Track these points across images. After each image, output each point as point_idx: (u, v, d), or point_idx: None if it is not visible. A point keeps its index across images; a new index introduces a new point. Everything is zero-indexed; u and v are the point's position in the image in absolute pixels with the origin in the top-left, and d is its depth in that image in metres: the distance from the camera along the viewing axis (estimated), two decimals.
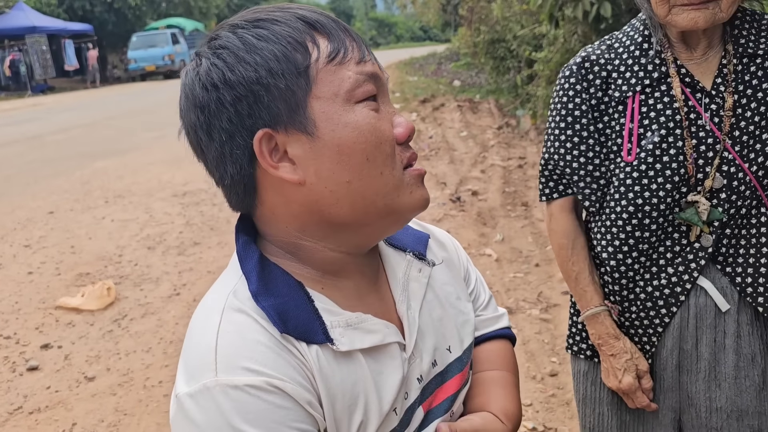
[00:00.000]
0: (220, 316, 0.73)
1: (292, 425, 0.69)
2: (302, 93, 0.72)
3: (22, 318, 3.87)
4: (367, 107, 0.74)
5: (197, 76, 0.74)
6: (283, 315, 0.72)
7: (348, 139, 0.72)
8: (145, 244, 5.10)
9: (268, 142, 0.73)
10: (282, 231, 0.78)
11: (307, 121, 0.72)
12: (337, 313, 0.76)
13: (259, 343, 0.70)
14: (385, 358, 0.78)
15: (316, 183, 0.74)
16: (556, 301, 3.64)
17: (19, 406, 2.91)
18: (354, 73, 0.73)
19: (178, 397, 0.70)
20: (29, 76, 22.46)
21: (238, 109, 0.72)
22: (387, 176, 0.75)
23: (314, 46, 0.73)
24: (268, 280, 0.75)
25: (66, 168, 8.28)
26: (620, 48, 1.29)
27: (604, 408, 1.38)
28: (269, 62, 0.71)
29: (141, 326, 3.67)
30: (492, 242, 4.66)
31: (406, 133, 0.77)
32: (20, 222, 5.90)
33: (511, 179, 6.37)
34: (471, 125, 9.73)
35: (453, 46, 17.94)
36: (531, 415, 2.65)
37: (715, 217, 1.19)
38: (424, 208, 0.80)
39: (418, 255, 0.89)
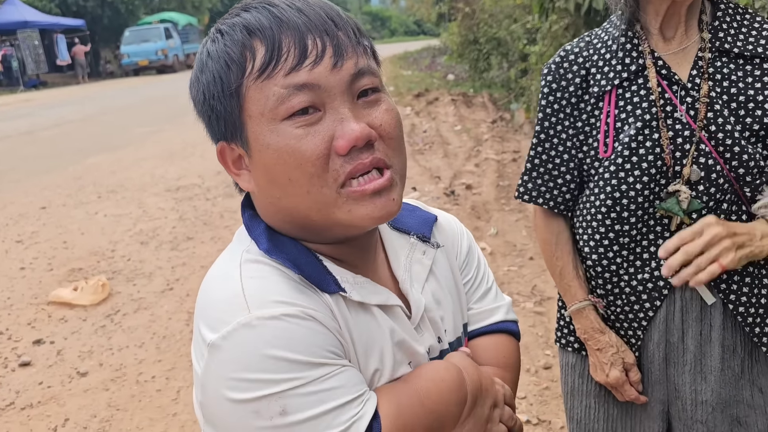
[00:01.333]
0: (239, 268, 0.75)
1: (329, 348, 0.71)
2: (237, 113, 0.73)
3: (14, 313, 3.85)
4: (293, 125, 0.70)
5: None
6: (297, 265, 0.75)
7: (269, 161, 0.73)
8: (138, 239, 5.07)
9: (231, 151, 0.77)
10: (271, 222, 0.81)
11: (243, 140, 0.75)
12: (344, 273, 0.79)
13: (284, 282, 0.74)
14: (396, 318, 0.81)
15: (259, 194, 0.78)
16: (550, 294, 3.64)
17: (11, 401, 2.90)
18: (280, 88, 0.70)
19: (211, 344, 0.70)
20: (21, 71, 22.32)
21: (204, 120, 0.79)
22: (315, 194, 0.72)
23: (251, 58, 0.72)
24: (278, 242, 0.78)
25: (58, 163, 8.23)
26: (599, 43, 1.28)
27: (591, 400, 1.38)
28: (210, 85, 0.74)
29: (134, 321, 3.65)
30: (486, 236, 4.65)
31: (347, 145, 0.70)
32: (12, 217, 5.87)
33: (505, 173, 6.36)
34: (465, 119, 9.72)
35: (445, 40, 17.92)
36: (525, 408, 2.65)
37: (695, 208, 1.18)
38: (379, 223, 0.76)
39: (422, 237, 0.90)
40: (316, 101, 0.71)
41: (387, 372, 0.78)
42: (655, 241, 1.23)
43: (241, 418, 0.69)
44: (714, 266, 1.11)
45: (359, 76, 0.73)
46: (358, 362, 0.76)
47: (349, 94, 0.73)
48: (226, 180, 6.80)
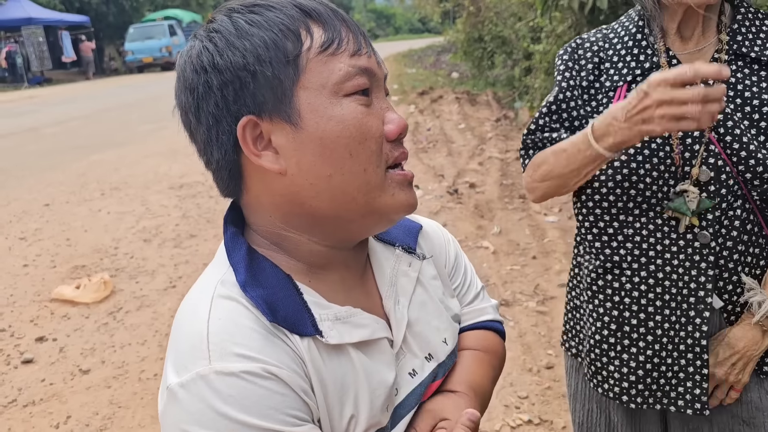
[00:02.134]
0: (210, 304, 0.71)
1: (289, 412, 0.67)
2: (289, 82, 0.71)
3: (17, 311, 3.85)
4: (355, 101, 0.72)
5: (189, 59, 0.74)
6: (272, 305, 0.71)
7: (332, 133, 0.71)
8: (141, 237, 5.08)
9: (253, 130, 0.72)
10: (267, 221, 0.77)
11: (292, 111, 0.71)
12: (326, 306, 0.75)
13: (251, 330, 0.69)
14: (375, 353, 0.77)
15: (297, 174, 0.72)
16: (552, 294, 3.63)
17: (13, 398, 2.90)
18: (346, 66, 0.72)
19: (170, 389, 0.67)
20: (26, 68, 22.35)
21: (224, 94, 0.71)
22: (370, 174, 0.73)
23: (308, 35, 0.72)
24: (257, 271, 0.73)
25: (62, 160, 8.24)
26: (615, 38, 1.28)
27: (593, 405, 1.37)
28: (258, 49, 0.70)
29: (136, 319, 3.65)
30: (489, 235, 4.64)
31: (398, 131, 0.75)
32: (16, 214, 5.87)
33: (508, 172, 6.35)
34: (469, 117, 9.70)
35: (450, 38, 17.89)
36: (527, 408, 2.64)
37: (706, 206, 1.17)
38: (409, 212, 0.78)
39: (408, 249, 0.88)
40: (369, 86, 0.74)
41: (363, 418, 0.74)
42: (662, 240, 1.22)
43: None
44: (733, 394, 1.24)
45: (386, 80, 0.78)
46: (328, 411, 0.72)
47: (384, 92, 0.78)
48: None
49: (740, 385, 1.23)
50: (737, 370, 1.21)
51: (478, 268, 4.05)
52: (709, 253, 1.19)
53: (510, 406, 2.64)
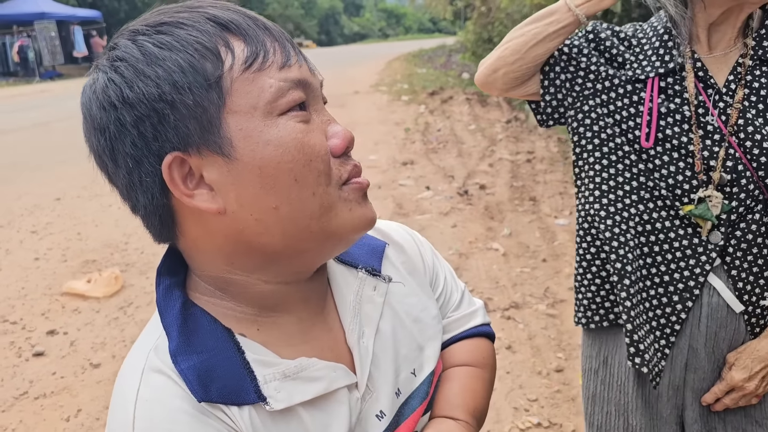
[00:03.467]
0: (139, 381, 0.64)
1: None
2: (214, 108, 0.62)
3: (28, 304, 3.88)
4: (293, 119, 0.64)
5: (94, 94, 0.64)
6: (205, 377, 0.63)
7: (271, 159, 0.62)
8: None
9: (180, 167, 0.63)
10: (208, 265, 0.68)
11: (222, 141, 0.62)
12: (272, 364, 0.66)
13: (181, 411, 0.62)
14: (330, 406, 0.69)
15: (239, 211, 0.64)
16: (562, 297, 3.62)
17: (24, 391, 2.92)
18: (276, 81, 0.63)
19: None
20: (37, 62, 22.48)
21: (141, 131, 0.62)
22: (321, 196, 0.65)
23: (228, 51, 0.63)
24: (191, 332, 0.66)
25: (73, 155, 8.27)
26: (643, 37, 1.29)
27: (612, 408, 1.37)
28: (173, 75, 0.61)
29: (146, 314, 3.67)
30: (499, 236, 4.64)
31: (344, 145, 0.67)
32: (27, 208, 5.91)
33: (519, 174, 6.34)
34: (479, 118, 9.69)
35: (461, 39, 17.89)
36: (536, 411, 2.64)
37: (725, 210, 1.18)
38: (368, 228, 0.70)
39: (372, 271, 0.79)
40: (306, 99, 0.66)
41: None
42: (680, 242, 1.22)
43: None
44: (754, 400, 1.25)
45: (322, 87, 0.71)
46: None
47: (322, 102, 0.70)
48: None
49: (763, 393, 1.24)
50: (767, 382, 1.22)
51: (487, 270, 4.04)
52: (712, 250, 1.19)
53: (519, 409, 2.64)
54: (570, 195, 5.51)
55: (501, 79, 1.32)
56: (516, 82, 1.32)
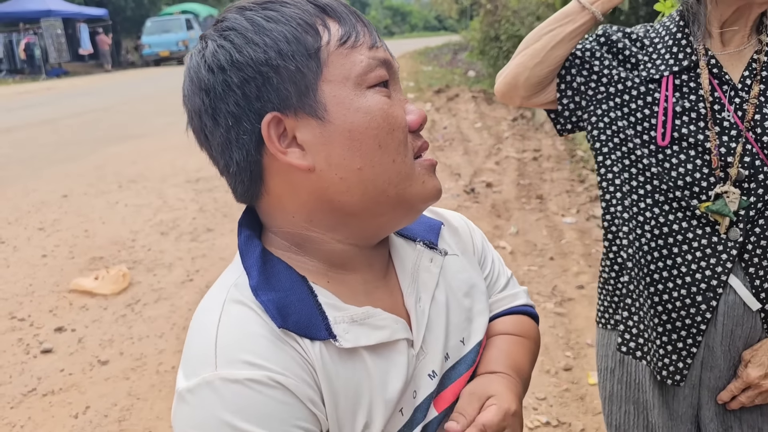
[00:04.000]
0: (221, 309, 0.70)
1: (293, 423, 0.66)
2: (312, 76, 0.70)
3: (36, 300, 3.89)
4: (379, 93, 0.72)
5: (203, 59, 0.72)
6: (283, 310, 0.69)
7: (360, 124, 0.70)
8: (158, 230, 5.11)
9: (277, 127, 0.70)
10: (288, 221, 0.75)
11: (317, 105, 0.70)
12: (342, 308, 0.73)
13: (260, 336, 0.68)
14: (392, 355, 0.75)
15: (326, 169, 0.71)
16: (570, 295, 3.61)
17: (33, 387, 2.93)
18: (366, 58, 0.71)
19: (179, 393, 0.68)
20: (44, 59, 22.54)
21: (245, 92, 0.69)
22: (399, 164, 0.72)
23: (325, 29, 0.71)
24: (270, 274, 0.72)
25: (80, 152, 8.31)
26: (655, 36, 1.28)
27: (630, 407, 1.36)
28: (279, 43, 0.69)
29: (154, 311, 3.67)
30: (506, 235, 4.63)
31: (419, 121, 0.75)
32: (34, 205, 5.93)
33: (525, 171, 6.32)
34: (485, 116, 9.67)
35: (467, 36, 17.85)
36: (545, 409, 2.63)
37: (743, 206, 1.17)
38: (436, 199, 0.77)
39: (429, 244, 0.86)
40: (389, 79, 0.74)
41: (377, 424, 0.72)
42: (699, 241, 1.21)
43: None
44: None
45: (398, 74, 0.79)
46: (339, 421, 0.70)
47: (399, 84, 0.78)
48: None
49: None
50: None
51: None
52: (733, 247, 1.18)
53: (528, 408, 2.63)
54: (577, 193, 5.49)
55: (522, 86, 1.31)
56: (537, 87, 1.32)
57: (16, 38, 22.43)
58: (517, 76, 1.31)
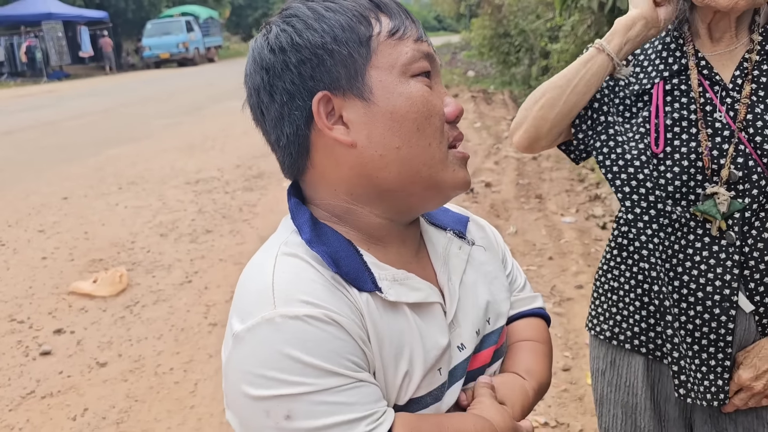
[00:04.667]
0: (275, 261, 0.76)
1: (349, 357, 0.71)
2: (362, 61, 0.76)
3: (35, 303, 3.89)
4: (420, 82, 0.78)
5: (266, 41, 0.79)
6: (335, 260, 0.76)
7: (401, 107, 0.76)
8: (157, 231, 5.11)
9: (326, 105, 0.77)
10: (330, 194, 0.81)
11: (364, 87, 0.76)
12: (385, 268, 0.79)
13: (314, 281, 0.74)
14: (429, 316, 0.81)
15: (367, 146, 0.77)
16: (569, 295, 3.61)
17: (31, 390, 2.93)
18: (411, 50, 0.78)
19: (235, 335, 0.72)
20: (45, 62, 22.57)
21: (301, 71, 0.77)
22: (434, 148, 0.78)
23: (377, 22, 0.78)
24: (320, 232, 0.79)
25: (80, 154, 8.32)
26: (646, 43, 1.27)
27: (619, 411, 1.36)
28: (335, 30, 0.76)
29: (153, 313, 3.68)
30: (505, 235, 4.62)
31: (456, 112, 0.81)
32: (34, 207, 5.93)
33: (525, 171, 6.32)
34: (485, 116, 9.67)
35: (467, 36, 17.82)
36: (543, 410, 2.62)
37: (736, 208, 1.16)
38: (465, 189, 0.83)
39: (458, 233, 0.92)
40: (430, 71, 0.80)
41: (417, 375, 0.78)
42: (694, 244, 1.20)
43: (253, 414, 0.70)
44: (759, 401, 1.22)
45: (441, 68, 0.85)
46: (383, 365, 0.76)
47: (440, 78, 0.84)
48: (245, 173, 6.83)
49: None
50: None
51: None
52: (734, 252, 1.17)
53: None
54: (576, 192, 5.49)
55: (545, 136, 1.29)
56: (561, 134, 1.31)
57: (17, 41, 22.47)
58: (539, 129, 1.29)
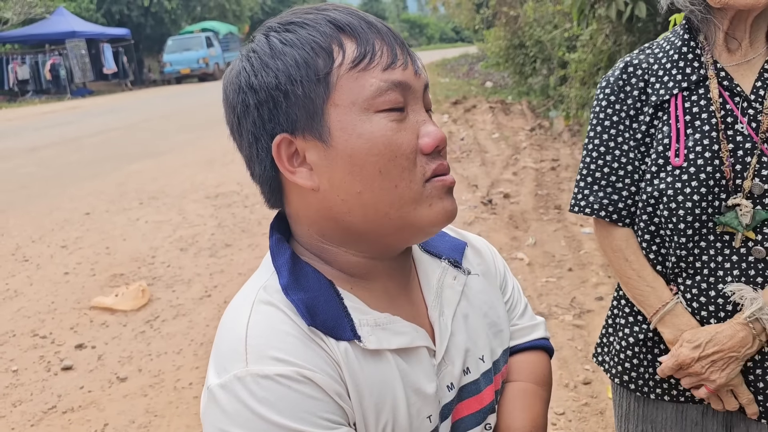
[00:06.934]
0: (250, 309, 0.73)
1: (322, 416, 0.68)
2: (320, 100, 0.72)
3: (57, 318, 3.94)
4: (386, 118, 0.72)
5: (230, 78, 0.77)
6: (311, 309, 0.72)
7: (360, 151, 0.71)
8: (177, 246, 5.15)
9: (288, 147, 0.74)
10: (306, 233, 0.79)
11: (322, 129, 0.72)
12: (366, 312, 0.76)
13: (288, 334, 0.71)
14: (414, 361, 0.77)
15: (329, 190, 0.73)
16: (589, 307, 3.56)
17: (53, 405, 2.96)
18: (378, 81, 0.72)
19: (209, 389, 0.70)
20: (69, 79, 22.98)
21: (260, 113, 0.73)
22: (402, 189, 0.73)
23: (340, 51, 0.72)
24: (299, 275, 0.75)
25: (102, 170, 8.44)
26: (660, 53, 1.26)
27: (648, 426, 1.32)
28: (290, 68, 0.72)
29: (172, 327, 3.70)
30: (524, 246, 4.59)
31: (433, 144, 0.74)
32: (57, 223, 6.02)
33: (543, 182, 6.28)
34: (503, 127, 9.64)
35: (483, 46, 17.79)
36: (563, 424, 2.59)
37: (762, 218, 1.14)
38: (448, 222, 0.77)
39: (454, 263, 0.88)
40: (403, 101, 0.74)
41: (401, 425, 0.75)
42: (715, 258, 1.18)
43: None
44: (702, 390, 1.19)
45: (427, 89, 0.78)
46: (364, 417, 0.73)
47: (422, 102, 0.77)
48: None
49: (714, 386, 1.17)
50: (716, 368, 1.16)
51: None
52: (765, 268, 1.15)
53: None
54: None
55: None
56: None
57: (42, 59, 22.90)
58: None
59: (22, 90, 22.73)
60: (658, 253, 1.24)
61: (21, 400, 3.02)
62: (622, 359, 1.32)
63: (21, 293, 4.36)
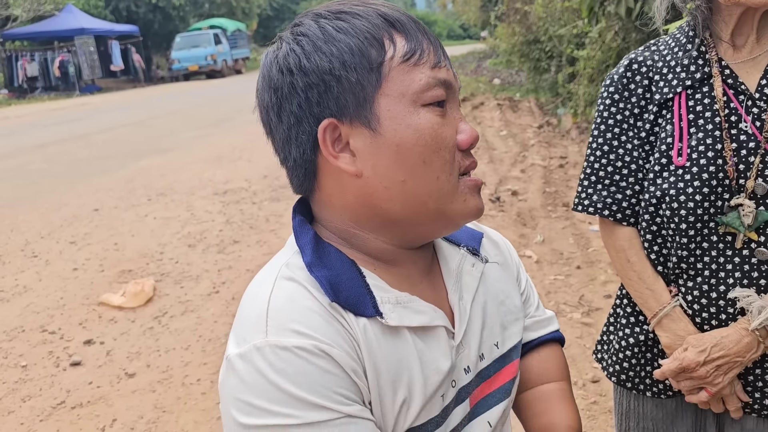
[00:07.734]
0: (273, 284, 0.74)
1: (338, 390, 0.69)
2: (371, 89, 0.73)
3: (66, 313, 3.96)
4: (432, 112, 0.75)
5: (276, 59, 0.77)
6: (334, 286, 0.74)
7: (408, 140, 0.73)
8: (185, 242, 5.17)
9: (333, 132, 0.74)
10: (336, 218, 0.79)
11: (371, 117, 0.73)
12: (388, 291, 0.77)
13: (308, 309, 0.72)
14: (432, 340, 0.78)
15: (372, 177, 0.75)
16: (598, 305, 3.55)
17: (62, 400, 2.98)
18: (426, 77, 0.74)
19: (228, 358, 0.71)
20: (77, 76, 23.09)
21: (308, 96, 0.74)
22: (442, 181, 0.75)
23: (391, 44, 0.74)
24: (322, 254, 0.77)
25: (111, 166, 8.47)
26: (665, 50, 1.24)
27: (649, 423, 1.32)
28: (344, 54, 0.73)
29: (181, 324, 3.71)
30: (532, 243, 4.58)
31: (469, 141, 0.77)
32: (66, 219, 6.05)
33: (551, 179, 6.26)
34: (511, 124, 9.62)
35: (493, 43, 17.74)
36: None
37: (765, 219, 1.12)
38: (476, 217, 0.80)
39: (472, 250, 0.90)
40: (445, 98, 0.76)
41: (416, 403, 0.76)
42: (717, 259, 1.17)
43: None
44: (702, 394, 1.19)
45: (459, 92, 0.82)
46: (380, 394, 0.74)
47: (458, 102, 0.81)
48: (272, 184, 6.88)
49: (716, 389, 1.16)
50: (720, 373, 1.15)
51: None
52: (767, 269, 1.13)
53: None
54: None
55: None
56: None
57: (51, 56, 23.01)
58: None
59: (31, 87, 22.86)
60: (659, 253, 1.23)
61: (30, 396, 3.04)
62: (621, 359, 1.32)
63: (30, 289, 4.39)
